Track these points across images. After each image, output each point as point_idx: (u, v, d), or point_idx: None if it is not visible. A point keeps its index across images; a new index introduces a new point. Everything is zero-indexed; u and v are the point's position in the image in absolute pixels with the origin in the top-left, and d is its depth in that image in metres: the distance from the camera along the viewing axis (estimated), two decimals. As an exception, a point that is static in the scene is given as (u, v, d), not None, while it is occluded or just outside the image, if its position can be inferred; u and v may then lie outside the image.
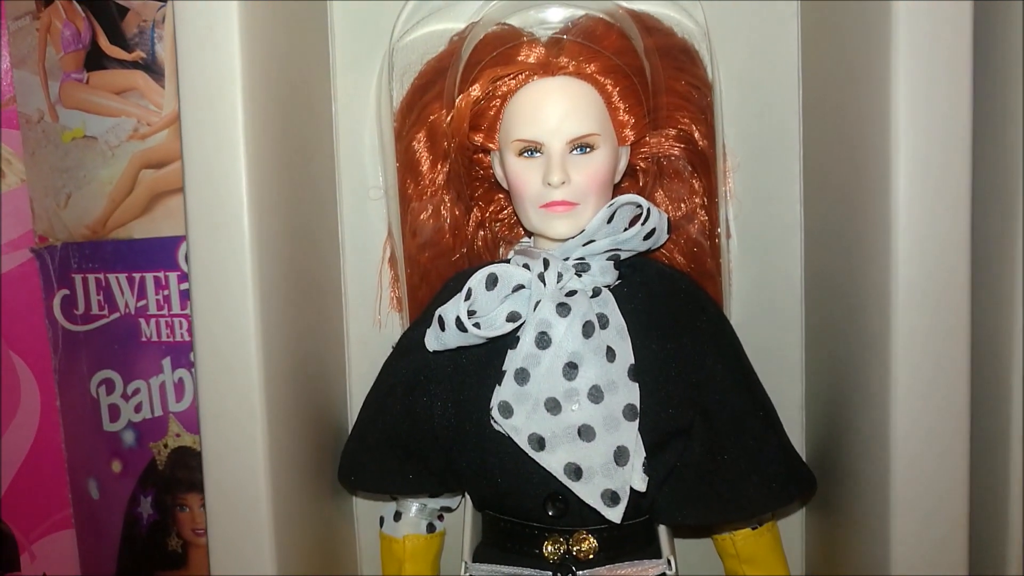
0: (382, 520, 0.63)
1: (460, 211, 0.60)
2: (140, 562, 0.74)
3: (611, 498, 0.51)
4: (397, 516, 0.62)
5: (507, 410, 0.52)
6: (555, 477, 0.51)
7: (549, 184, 0.53)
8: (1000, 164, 0.54)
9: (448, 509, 0.64)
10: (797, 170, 0.64)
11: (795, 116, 0.64)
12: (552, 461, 0.51)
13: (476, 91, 0.55)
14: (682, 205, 0.59)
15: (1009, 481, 0.53)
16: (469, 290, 0.51)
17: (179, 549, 0.74)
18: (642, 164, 0.59)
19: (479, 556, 0.57)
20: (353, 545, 0.69)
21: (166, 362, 0.72)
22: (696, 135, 0.58)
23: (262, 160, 0.53)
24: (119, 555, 0.74)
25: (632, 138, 0.55)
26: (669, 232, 0.56)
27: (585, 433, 0.51)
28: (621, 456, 0.51)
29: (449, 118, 0.56)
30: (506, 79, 0.54)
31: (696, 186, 0.59)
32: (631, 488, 0.51)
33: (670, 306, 0.55)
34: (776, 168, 0.65)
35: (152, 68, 0.71)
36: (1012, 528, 0.53)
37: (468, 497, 0.59)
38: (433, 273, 0.61)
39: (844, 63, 0.55)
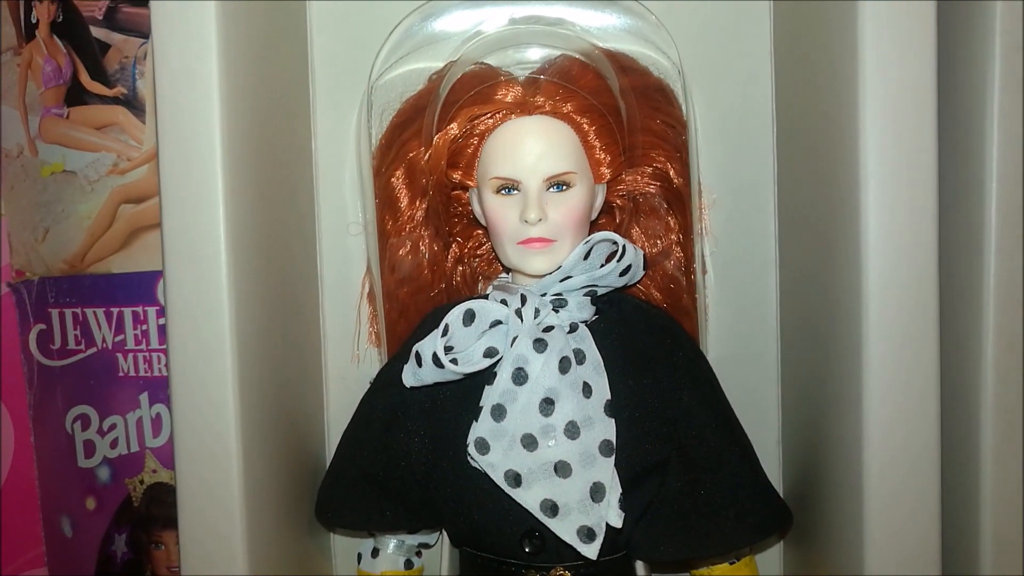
0: (360, 557, 0.63)
1: (439, 247, 0.61)
2: (113, 601, 0.73)
3: (587, 534, 0.51)
4: (375, 553, 0.62)
5: (484, 447, 0.52)
6: (532, 514, 0.51)
7: (526, 221, 0.53)
8: (970, 206, 0.55)
9: (426, 545, 0.63)
10: (772, 206, 0.65)
11: (770, 153, 0.65)
12: (528, 498, 0.51)
13: (454, 129, 0.55)
14: (658, 242, 0.60)
15: (980, 514, 0.53)
16: (446, 326, 0.52)
17: (153, 588, 0.72)
18: (618, 201, 0.59)
19: (456, 594, 0.57)
20: (330, 582, 0.68)
21: (143, 397, 0.72)
22: (671, 173, 0.59)
23: (240, 195, 0.53)
24: (92, 594, 0.73)
25: (608, 176, 0.56)
26: (645, 268, 0.56)
27: (561, 469, 0.51)
28: (597, 492, 0.51)
29: (427, 155, 0.57)
30: (484, 118, 0.55)
31: (672, 223, 0.60)
32: (607, 524, 0.51)
33: (646, 342, 0.56)
34: (751, 205, 0.65)
35: (133, 104, 0.71)
36: (984, 559, 0.53)
37: (446, 533, 0.59)
38: (412, 309, 0.61)
39: (817, 101, 0.56)
